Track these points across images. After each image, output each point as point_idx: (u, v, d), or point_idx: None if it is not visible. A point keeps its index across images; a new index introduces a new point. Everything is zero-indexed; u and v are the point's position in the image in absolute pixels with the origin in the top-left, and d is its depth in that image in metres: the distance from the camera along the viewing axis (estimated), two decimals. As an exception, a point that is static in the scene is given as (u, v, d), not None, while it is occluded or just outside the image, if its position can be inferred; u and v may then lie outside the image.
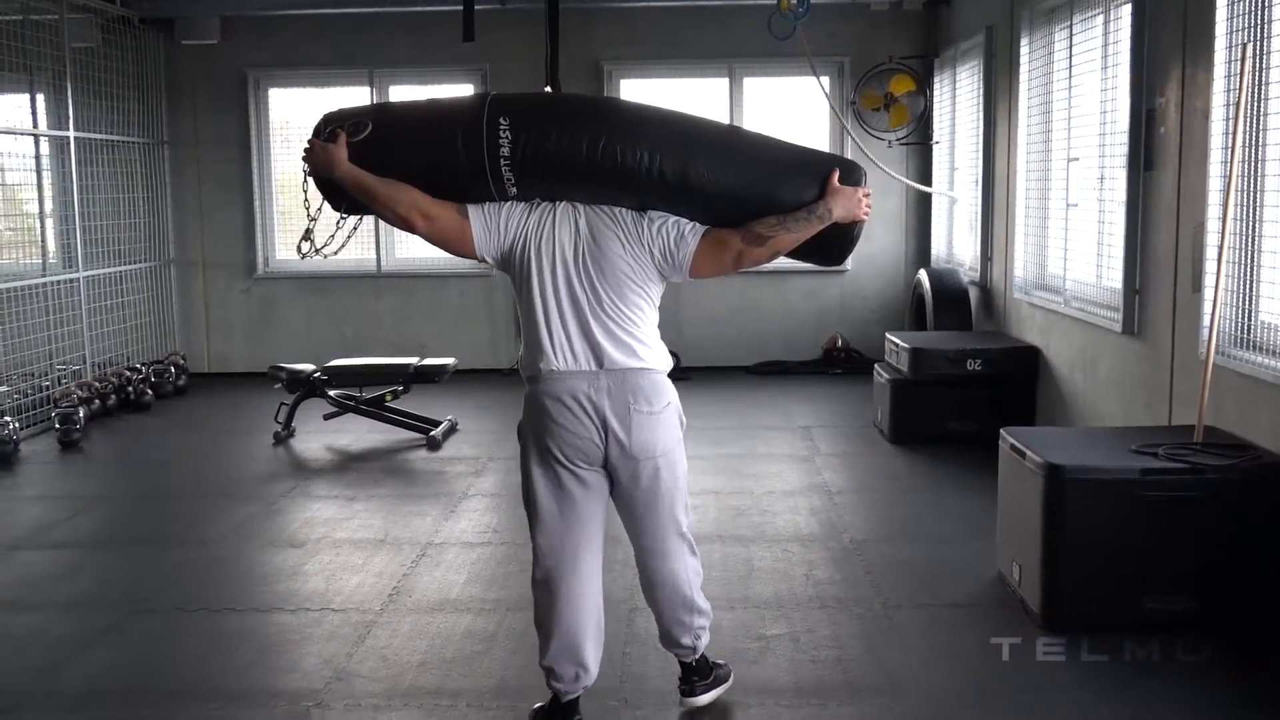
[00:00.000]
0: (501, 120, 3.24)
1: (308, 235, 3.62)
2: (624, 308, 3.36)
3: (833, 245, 3.45)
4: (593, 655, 3.53)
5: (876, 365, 7.83)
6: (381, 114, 3.52)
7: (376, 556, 5.30)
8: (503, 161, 3.25)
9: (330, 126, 3.37)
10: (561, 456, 3.38)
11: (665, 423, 3.42)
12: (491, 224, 3.36)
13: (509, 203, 3.37)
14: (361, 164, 3.32)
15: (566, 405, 3.35)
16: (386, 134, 3.37)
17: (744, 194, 3.33)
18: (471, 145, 3.26)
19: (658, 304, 3.47)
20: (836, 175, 3.35)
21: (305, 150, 3.40)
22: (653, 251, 3.35)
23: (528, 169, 3.27)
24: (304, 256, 3.69)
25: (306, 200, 3.53)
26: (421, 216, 3.34)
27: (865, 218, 3.41)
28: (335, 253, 3.70)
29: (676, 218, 3.37)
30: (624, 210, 3.37)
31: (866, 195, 3.38)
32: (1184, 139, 5.15)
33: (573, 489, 3.42)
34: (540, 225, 3.35)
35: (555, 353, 3.35)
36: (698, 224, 3.37)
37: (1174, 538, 4.18)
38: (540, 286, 3.35)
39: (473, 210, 3.36)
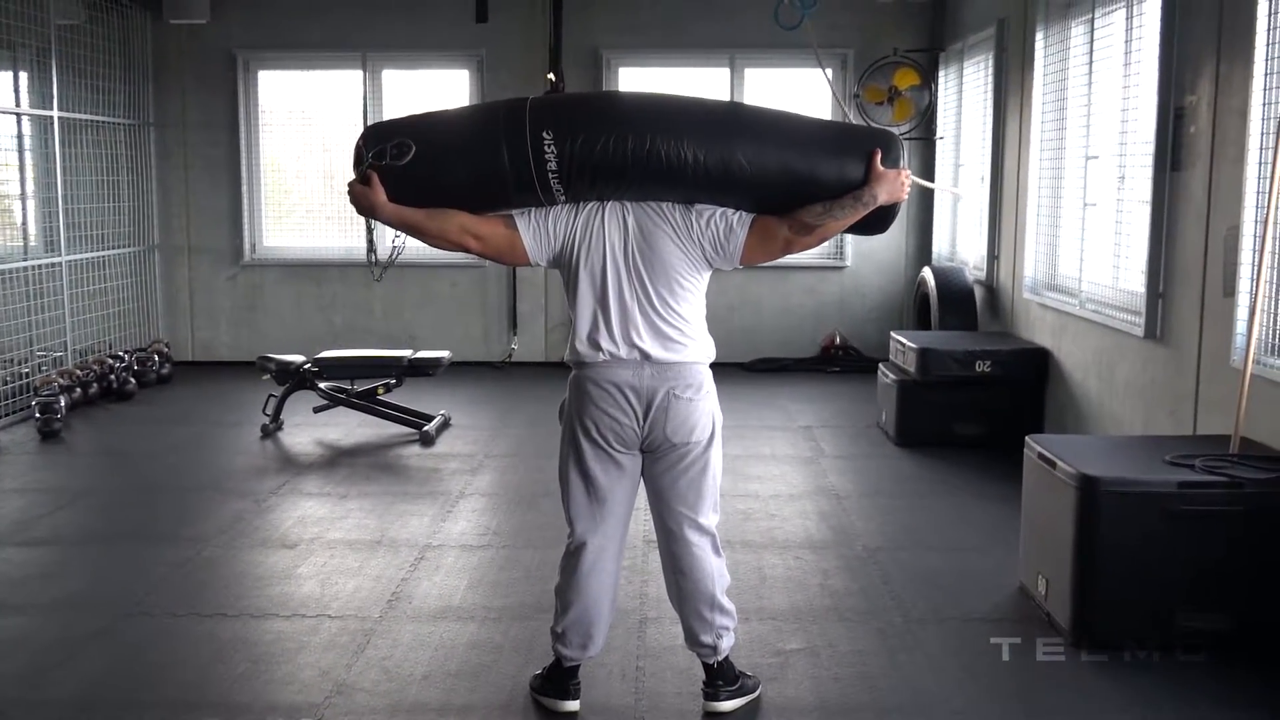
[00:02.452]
0: (545, 135, 3.25)
1: (370, 249, 3.76)
2: (672, 301, 3.42)
3: (875, 221, 3.48)
4: (602, 629, 3.64)
5: (881, 365, 7.66)
6: (421, 131, 3.40)
7: (373, 559, 5.10)
8: (551, 175, 3.29)
9: (371, 150, 3.33)
10: (599, 439, 3.46)
11: (702, 409, 3.48)
12: (541, 230, 3.41)
13: (554, 205, 3.42)
14: (408, 187, 3.34)
15: (608, 392, 3.43)
16: (430, 154, 3.33)
17: (787, 180, 3.36)
18: (518, 162, 3.27)
19: (704, 291, 3.51)
20: (879, 157, 3.35)
21: (348, 191, 3.42)
22: (703, 245, 3.40)
23: (575, 178, 3.31)
24: (376, 278, 4.00)
25: (368, 223, 3.56)
26: (473, 238, 3.40)
27: (906, 197, 3.44)
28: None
29: (723, 209, 3.40)
30: (671, 205, 3.41)
31: (907, 176, 3.41)
32: (1216, 138, 4.98)
33: (608, 469, 3.50)
34: (589, 225, 3.41)
35: (602, 346, 3.42)
36: (744, 214, 3.40)
37: (1211, 553, 4.02)
38: (590, 284, 3.42)
39: (520, 220, 3.41)
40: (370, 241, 3.12)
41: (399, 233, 3.54)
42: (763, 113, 3.61)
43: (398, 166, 3.30)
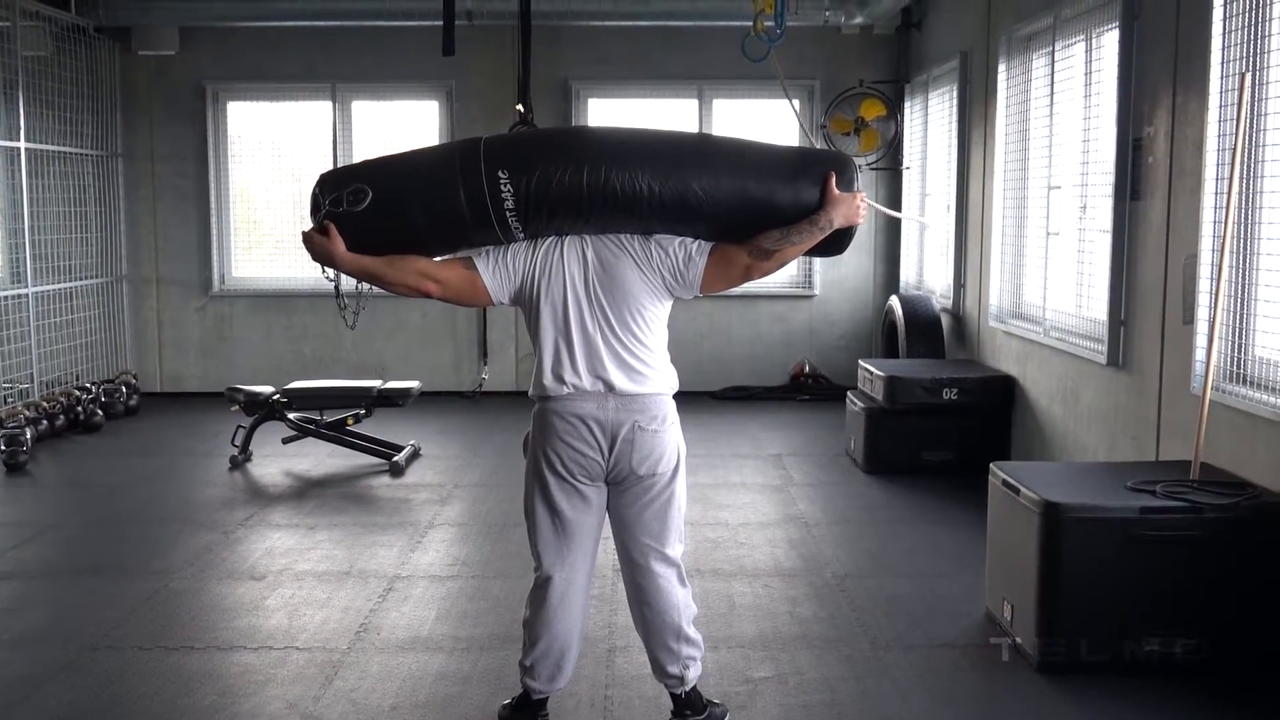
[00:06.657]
0: (501, 175, 3.25)
1: (338, 294, 3.73)
2: (635, 331, 3.42)
3: (833, 243, 3.49)
4: (570, 661, 3.62)
5: (850, 393, 7.71)
6: (377, 175, 3.39)
7: (341, 590, 5.08)
8: (509, 214, 3.29)
9: (328, 198, 3.32)
10: (565, 471, 3.45)
11: (667, 441, 3.48)
12: (501, 269, 3.42)
13: (514, 243, 3.43)
14: (366, 233, 3.34)
15: (573, 424, 3.42)
16: (387, 199, 3.32)
17: (744, 207, 3.37)
18: (476, 202, 3.28)
19: (666, 320, 3.53)
20: (834, 181, 3.37)
21: (304, 240, 3.40)
22: (663, 274, 3.41)
23: (533, 216, 3.31)
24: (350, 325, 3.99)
25: (324, 271, 3.58)
26: (433, 282, 3.42)
27: (863, 220, 3.45)
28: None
29: (682, 238, 3.42)
30: (630, 235, 3.42)
31: (863, 199, 3.44)
32: (1174, 168, 5.07)
33: (574, 502, 3.49)
34: (549, 259, 3.42)
35: (565, 380, 3.41)
36: (703, 242, 3.42)
37: (1173, 578, 4.07)
38: (552, 317, 3.43)
39: (479, 261, 3.43)
40: (337, 290, 3.12)
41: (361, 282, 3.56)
42: (718, 141, 3.64)
43: (355, 213, 3.29)
